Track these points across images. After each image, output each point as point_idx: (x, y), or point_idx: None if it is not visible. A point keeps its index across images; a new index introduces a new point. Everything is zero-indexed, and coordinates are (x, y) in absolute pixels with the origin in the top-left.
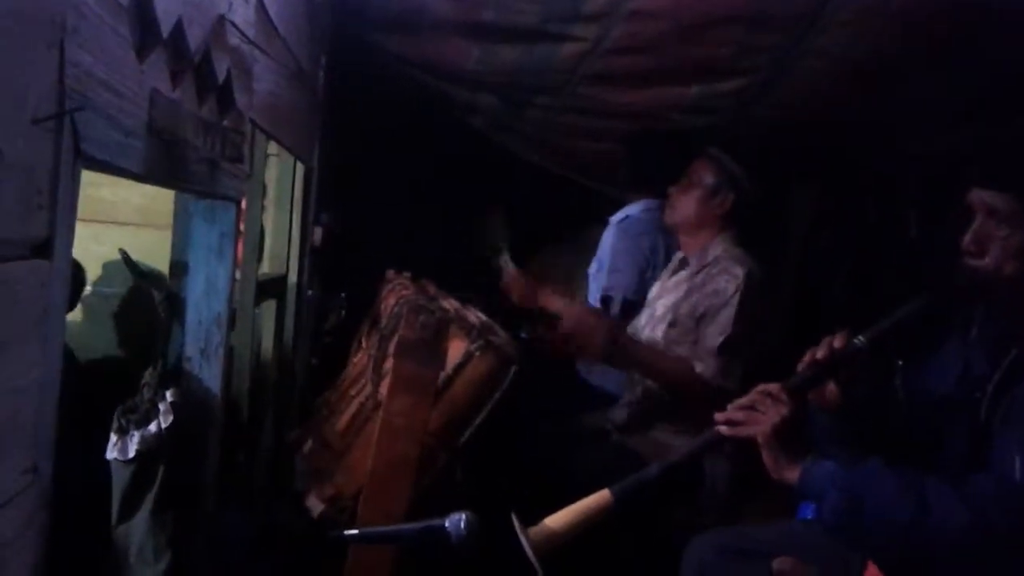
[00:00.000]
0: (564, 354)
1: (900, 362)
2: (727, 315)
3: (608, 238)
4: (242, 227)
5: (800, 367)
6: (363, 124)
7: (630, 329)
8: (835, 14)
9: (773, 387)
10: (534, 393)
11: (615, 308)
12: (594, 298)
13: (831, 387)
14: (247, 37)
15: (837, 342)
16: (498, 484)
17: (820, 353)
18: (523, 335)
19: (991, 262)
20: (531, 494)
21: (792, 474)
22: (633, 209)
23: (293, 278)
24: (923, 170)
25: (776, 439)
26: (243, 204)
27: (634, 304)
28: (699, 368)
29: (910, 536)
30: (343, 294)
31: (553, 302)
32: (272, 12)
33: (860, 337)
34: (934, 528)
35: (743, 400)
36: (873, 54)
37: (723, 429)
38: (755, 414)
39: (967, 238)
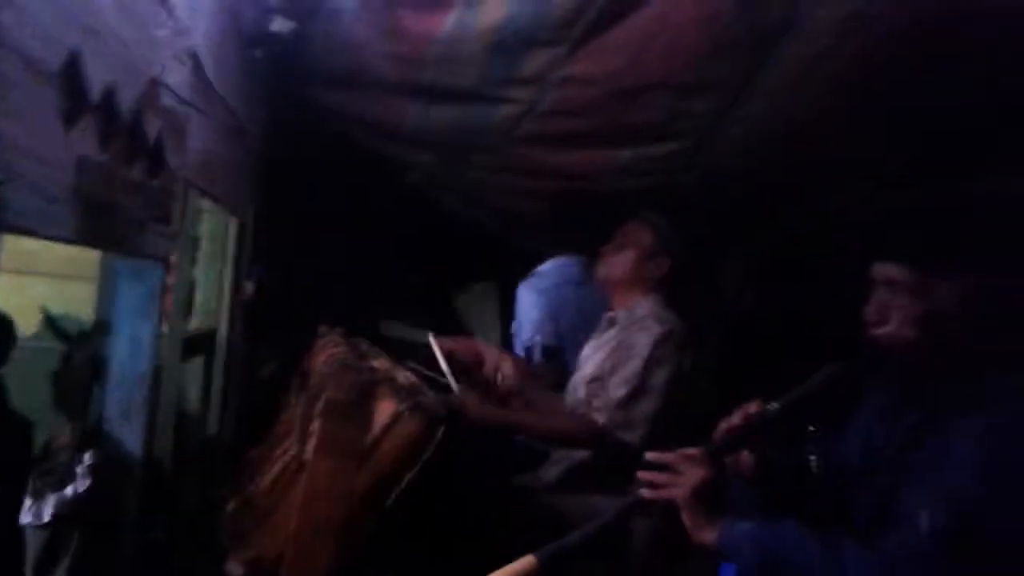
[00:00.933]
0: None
1: (812, 428)
2: (634, 367)
3: (522, 297)
4: (170, 282)
5: (716, 433)
6: (302, 179)
7: (567, 391)
8: (766, 80)
9: (693, 451)
10: (466, 453)
11: (536, 356)
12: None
13: (746, 454)
14: (181, 97)
15: (752, 408)
16: (429, 546)
17: (735, 419)
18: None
19: (892, 330)
20: (462, 555)
21: (711, 534)
22: (545, 267)
23: (223, 332)
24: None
25: (696, 500)
26: (172, 259)
27: (554, 349)
28: (600, 419)
29: None
30: (274, 351)
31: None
32: (210, 70)
33: (773, 404)
34: None
35: (664, 459)
36: (800, 118)
37: (645, 492)
38: (676, 476)
39: (869, 308)
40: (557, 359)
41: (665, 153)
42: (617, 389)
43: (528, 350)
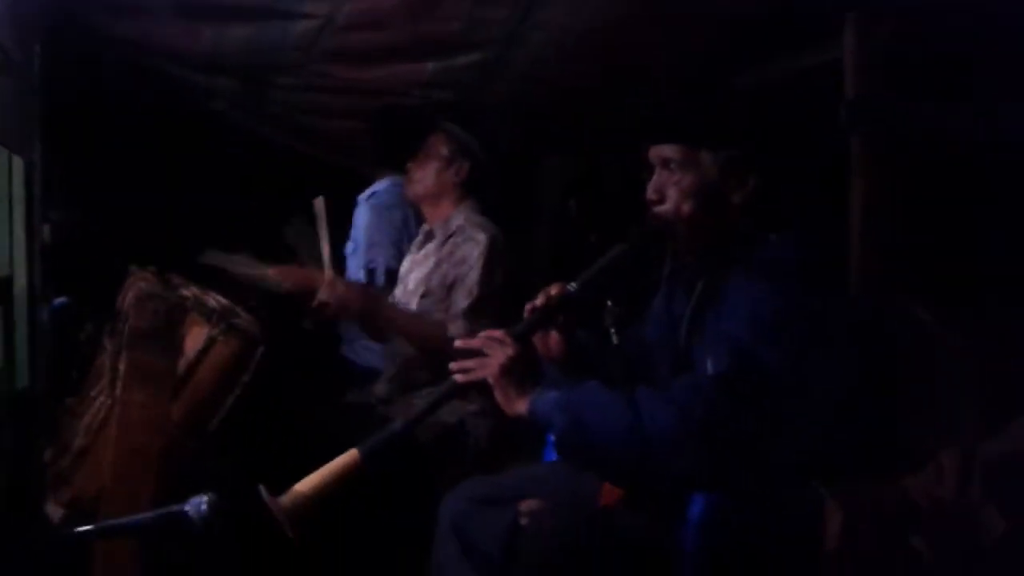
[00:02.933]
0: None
1: (609, 303)
2: (472, 279)
3: (360, 216)
4: None
5: (524, 316)
6: (96, 114)
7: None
8: None
9: (497, 332)
10: (296, 373)
11: (379, 279)
12: (354, 276)
13: (554, 335)
14: None
15: (552, 290)
16: (260, 467)
17: (539, 301)
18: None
19: (670, 206)
20: (294, 473)
21: (522, 406)
22: (380, 185)
23: (21, 280)
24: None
25: (506, 377)
26: None
27: (397, 274)
28: (451, 331)
29: (628, 441)
30: (97, 299)
31: (317, 279)
32: None
33: (572, 284)
34: (647, 428)
35: (471, 343)
36: (592, 24)
37: (457, 377)
38: (484, 359)
39: (649, 189)
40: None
41: (468, 63)
42: (461, 301)
43: (370, 272)
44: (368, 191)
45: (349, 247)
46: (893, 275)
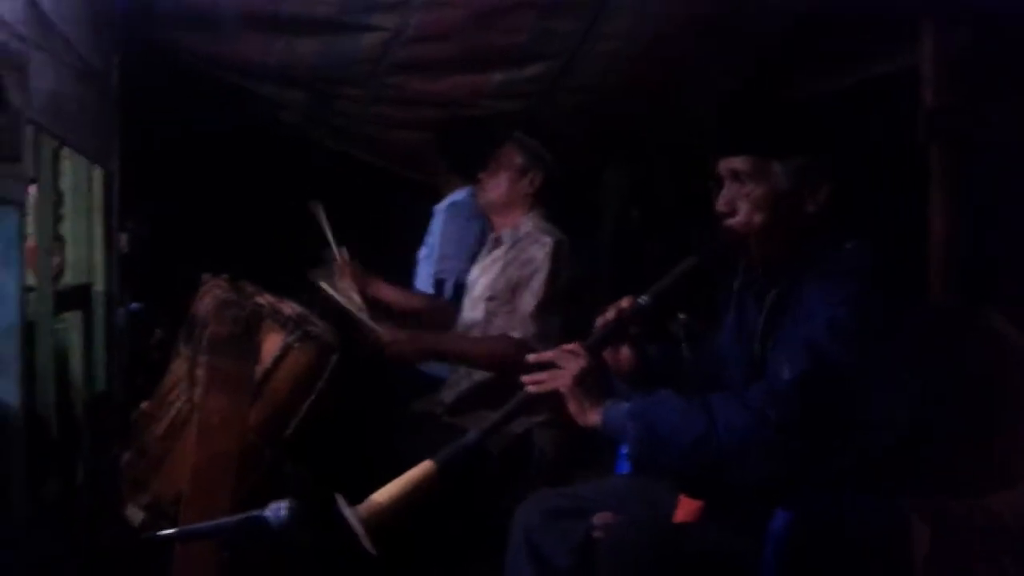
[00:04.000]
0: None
1: (681, 315)
2: (539, 280)
3: (437, 224)
4: (34, 236)
5: (595, 328)
6: (171, 125)
7: (459, 317)
8: None
9: (571, 345)
10: (364, 382)
11: (448, 291)
12: (424, 281)
13: (625, 349)
14: (16, 32)
15: (624, 303)
16: (331, 474)
17: (610, 314)
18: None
19: (741, 218)
20: (366, 482)
21: (595, 417)
22: (459, 195)
23: (100, 287)
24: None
25: (578, 388)
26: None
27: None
28: (516, 335)
29: (703, 448)
30: (165, 307)
31: (385, 292)
32: (47, 8)
33: (643, 297)
34: (722, 435)
35: (544, 356)
36: (657, 35)
37: (530, 388)
38: (557, 370)
39: (719, 202)
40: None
41: (535, 74)
42: (527, 304)
43: (439, 283)
44: (446, 201)
45: (423, 252)
46: (973, 286)
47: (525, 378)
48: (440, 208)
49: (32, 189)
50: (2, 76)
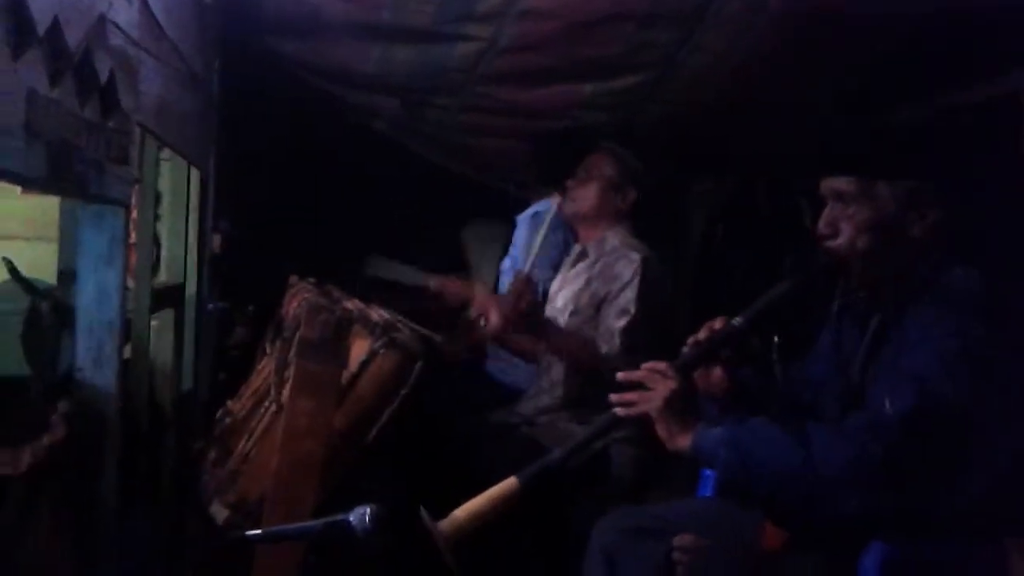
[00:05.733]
0: (479, 341)
1: (776, 339)
2: (628, 297)
3: (521, 233)
4: (133, 234)
5: (685, 349)
6: (264, 129)
7: None
8: (719, 11)
9: (661, 365)
10: (445, 391)
11: None
12: (506, 290)
13: (717, 371)
14: (131, 38)
15: (717, 324)
16: (410, 481)
17: (702, 335)
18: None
19: (844, 241)
20: (443, 490)
21: (685, 441)
22: (543, 205)
23: (192, 287)
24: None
25: (668, 411)
26: (133, 210)
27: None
28: (604, 349)
29: (798, 479)
30: (250, 307)
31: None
32: (158, 14)
33: (738, 318)
34: (818, 466)
35: (634, 376)
36: (754, 50)
37: (618, 411)
38: (646, 392)
39: (821, 223)
40: None
41: (627, 86)
42: (616, 320)
43: None
44: (531, 210)
45: (507, 263)
46: None
47: (614, 398)
48: (523, 218)
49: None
50: (116, 80)
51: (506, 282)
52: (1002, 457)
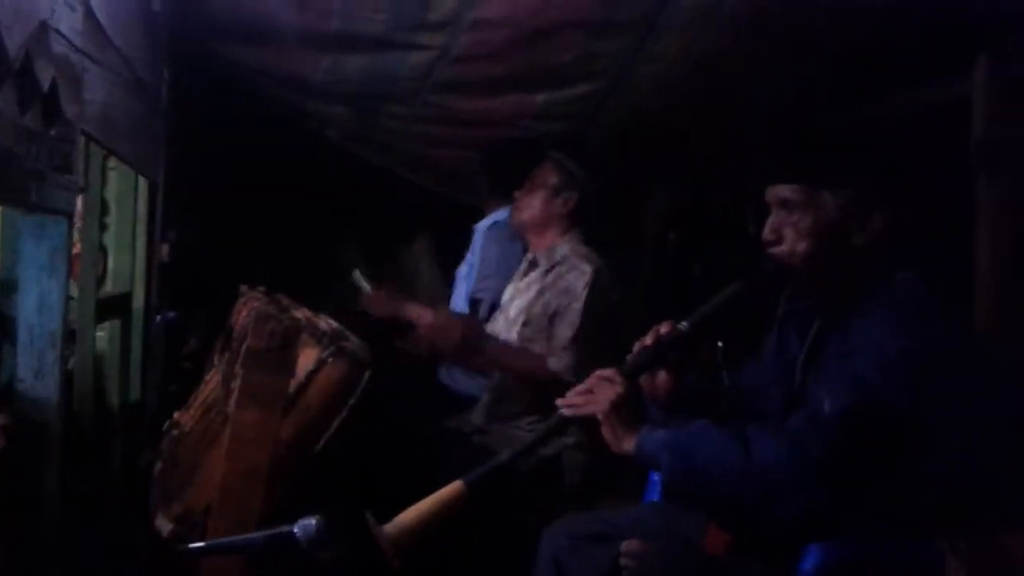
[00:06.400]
0: (424, 356)
1: (720, 343)
2: (577, 310)
3: (478, 242)
4: (78, 244)
5: (631, 354)
6: (214, 137)
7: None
8: (671, 19)
9: (608, 371)
10: (396, 400)
11: (483, 311)
12: (461, 298)
13: (663, 375)
14: (74, 45)
15: (663, 328)
16: (360, 490)
17: (649, 339)
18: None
19: (788, 247)
20: (394, 499)
21: (630, 444)
22: (501, 215)
23: (140, 297)
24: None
25: (614, 415)
26: (79, 219)
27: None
28: (553, 364)
29: (739, 480)
30: (203, 317)
31: (412, 311)
32: (103, 20)
33: (683, 323)
34: (759, 466)
35: (581, 385)
36: (705, 58)
37: (565, 411)
38: (593, 395)
39: (766, 230)
40: None
41: (580, 95)
42: (564, 333)
43: (475, 303)
44: (489, 220)
45: (463, 270)
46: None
47: (560, 400)
48: (481, 227)
49: (79, 199)
50: (59, 87)
51: (462, 289)
52: (939, 458)
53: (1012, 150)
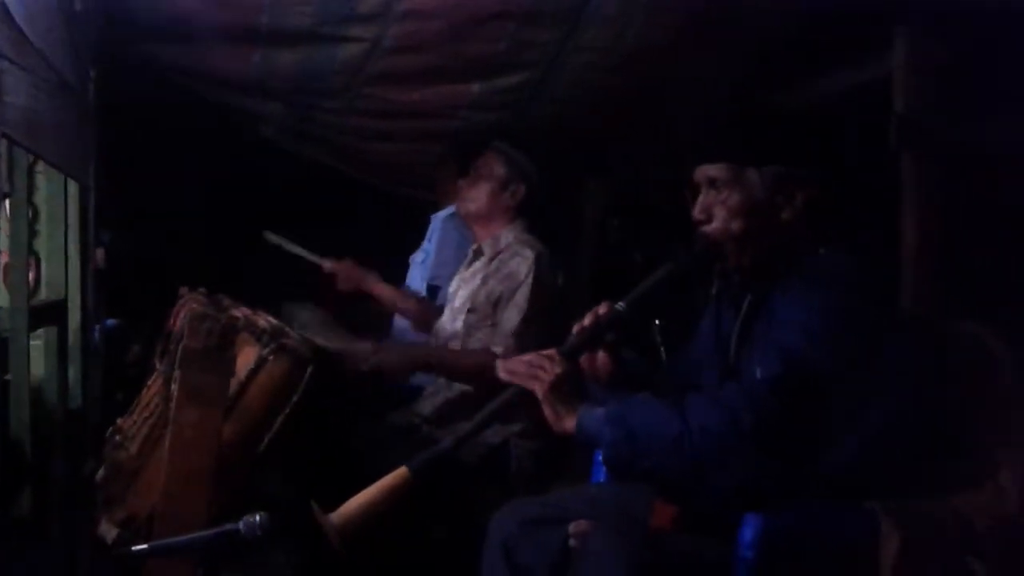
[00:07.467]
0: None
1: (657, 322)
2: (523, 295)
3: (436, 231)
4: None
5: (571, 335)
6: (147, 138)
7: (436, 327)
8: (597, 10)
9: (547, 351)
10: (341, 394)
11: (441, 298)
12: (417, 284)
13: (602, 355)
14: None
15: (601, 309)
16: (310, 486)
17: (587, 320)
18: None
19: (718, 225)
20: (341, 494)
21: (571, 423)
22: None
23: (75, 303)
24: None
25: (555, 395)
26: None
27: None
28: (499, 350)
29: (678, 449)
30: (146, 322)
31: (375, 285)
32: (21, 22)
33: (620, 303)
34: (696, 435)
35: (522, 356)
36: (634, 47)
37: (503, 375)
38: (534, 370)
39: (696, 209)
40: None
41: (513, 84)
42: (509, 318)
43: (432, 289)
44: (447, 210)
45: (419, 256)
46: (946, 295)
47: (500, 362)
48: (439, 216)
49: (5, 204)
50: None
51: (417, 275)
52: (870, 423)
53: (934, 126)
